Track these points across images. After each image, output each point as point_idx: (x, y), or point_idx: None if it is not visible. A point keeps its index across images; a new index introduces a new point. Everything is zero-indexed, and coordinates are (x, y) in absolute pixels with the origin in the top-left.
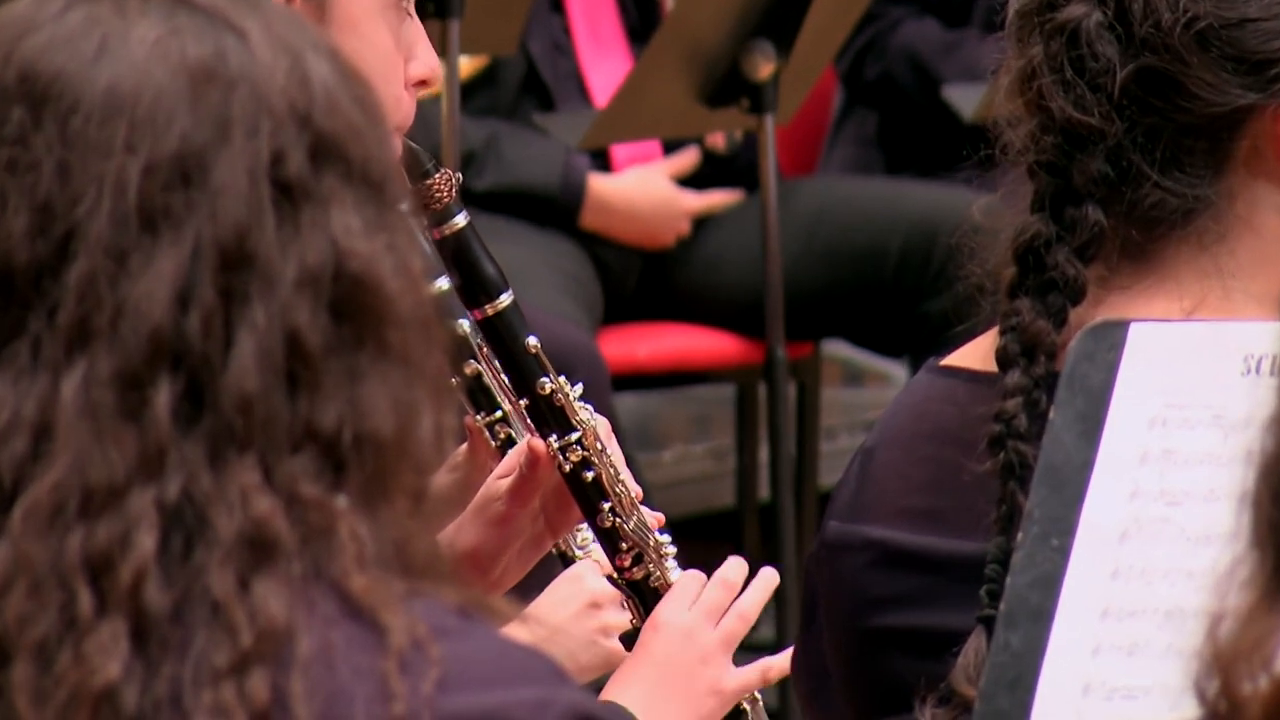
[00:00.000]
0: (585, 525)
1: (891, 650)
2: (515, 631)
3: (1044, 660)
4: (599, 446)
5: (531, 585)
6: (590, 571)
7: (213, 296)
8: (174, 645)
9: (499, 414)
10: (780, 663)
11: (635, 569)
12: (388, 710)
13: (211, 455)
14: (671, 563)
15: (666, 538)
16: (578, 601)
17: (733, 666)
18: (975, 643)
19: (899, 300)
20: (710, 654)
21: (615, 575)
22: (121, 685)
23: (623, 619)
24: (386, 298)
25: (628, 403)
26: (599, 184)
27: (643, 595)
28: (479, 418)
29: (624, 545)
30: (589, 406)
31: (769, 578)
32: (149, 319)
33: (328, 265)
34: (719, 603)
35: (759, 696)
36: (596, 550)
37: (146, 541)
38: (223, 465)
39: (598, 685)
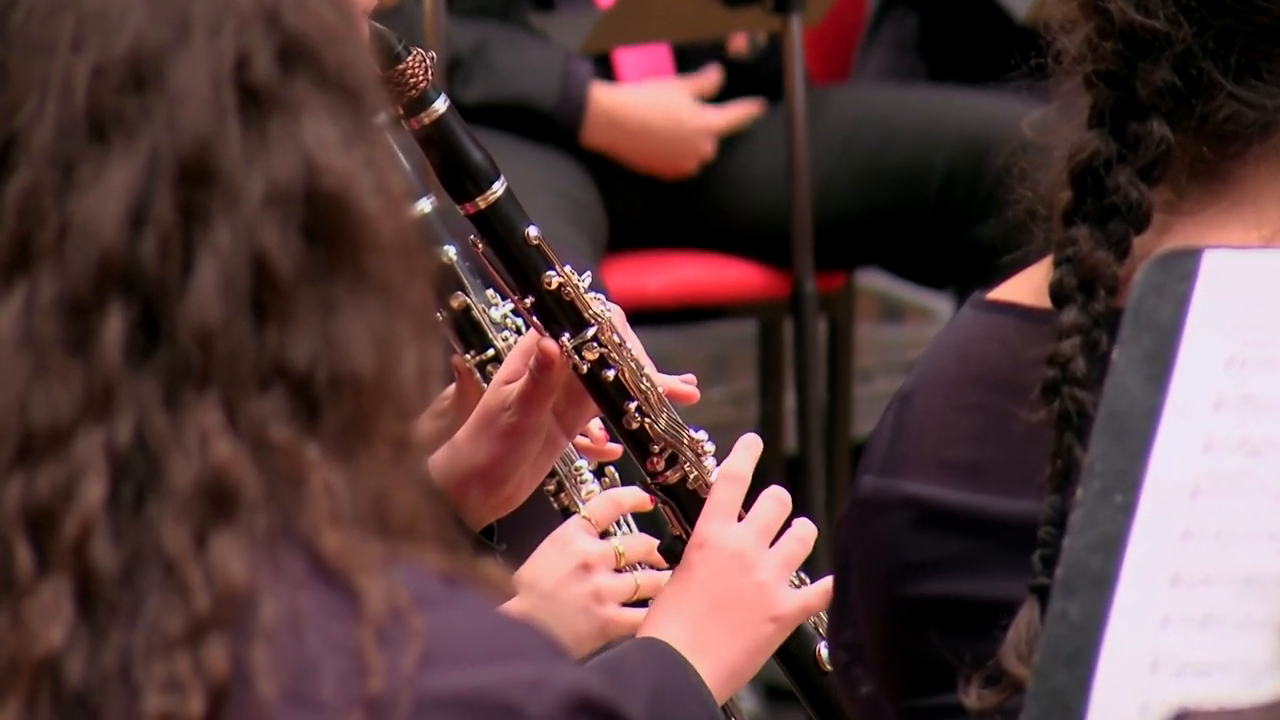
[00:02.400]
0: (587, 473)
1: (932, 622)
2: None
3: (1105, 633)
4: (617, 340)
5: (528, 544)
6: (579, 530)
7: (170, 214)
8: (123, 610)
9: (491, 353)
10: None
11: (670, 472)
12: (362, 686)
13: (167, 394)
14: (711, 461)
15: (703, 435)
16: (567, 564)
17: (789, 589)
18: (1027, 615)
19: (944, 225)
20: (767, 576)
21: (649, 481)
22: (65, 654)
23: (620, 583)
24: (365, 219)
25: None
26: (604, 96)
27: (681, 501)
28: (468, 357)
29: (655, 447)
30: (601, 297)
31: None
32: (98, 239)
33: (299, 182)
34: (773, 518)
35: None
36: (597, 498)
37: (94, 491)
38: (179, 405)
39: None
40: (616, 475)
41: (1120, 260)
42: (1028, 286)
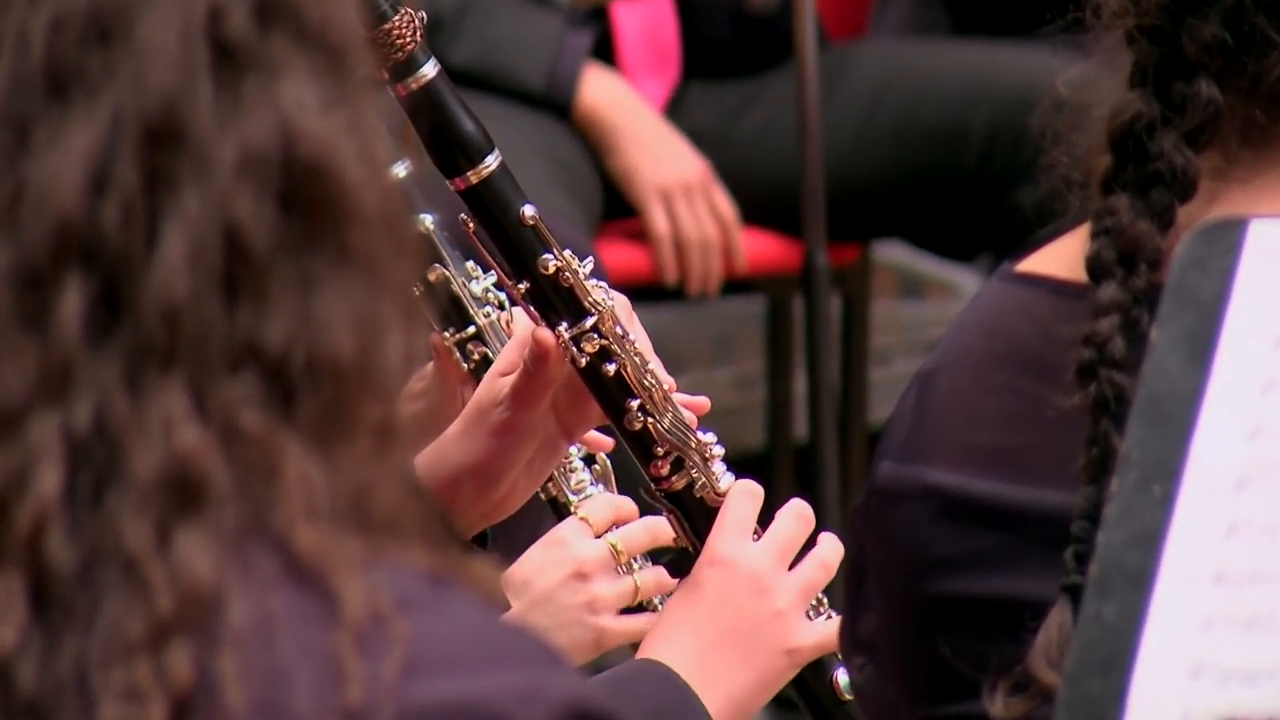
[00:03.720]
0: (577, 460)
1: (955, 624)
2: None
3: (1143, 636)
4: (619, 332)
5: (515, 537)
6: (575, 533)
7: (134, 180)
8: (80, 611)
9: (471, 330)
10: None
11: (675, 478)
12: (339, 696)
13: (129, 375)
14: (719, 466)
15: (711, 437)
16: (561, 570)
17: (807, 620)
18: (1058, 616)
19: (983, 190)
20: (784, 603)
21: (652, 487)
22: (16, 658)
23: (617, 590)
24: (346, 189)
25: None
26: (599, 87)
27: (687, 509)
28: (447, 335)
29: (659, 450)
30: (603, 285)
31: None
32: (56, 205)
33: (275, 146)
34: (794, 537)
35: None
36: (595, 500)
37: (49, 480)
38: (142, 388)
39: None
40: (608, 463)
41: (1163, 231)
42: (1062, 258)
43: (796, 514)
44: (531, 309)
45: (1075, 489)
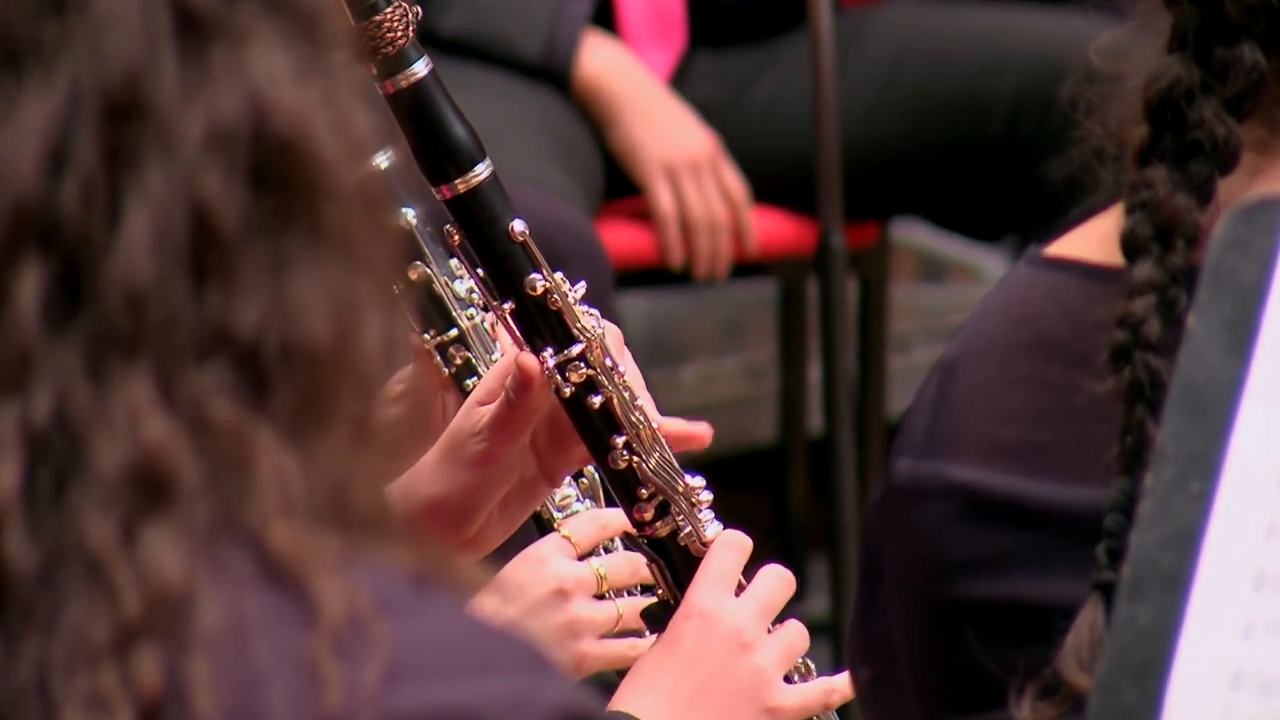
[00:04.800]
0: (566, 478)
1: (979, 628)
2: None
3: (1179, 642)
4: (608, 363)
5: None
6: (556, 551)
7: (94, 157)
8: (40, 615)
9: (454, 333)
10: (843, 686)
11: (660, 524)
12: (317, 703)
13: (91, 364)
14: (707, 513)
15: (700, 481)
16: (540, 588)
17: (785, 684)
18: (1089, 617)
19: (1008, 163)
20: (765, 661)
21: (635, 532)
22: None
23: (599, 612)
24: (321, 165)
25: (636, 305)
26: (600, 56)
27: (670, 558)
28: (428, 337)
29: (644, 492)
30: (594, 311)
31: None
32: (11, 184)
33: (244, 120)
34: (777, 597)
35: None
36: (580, 518)
37: (7, 475)
38: (105, 377)
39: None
40: (597, 478)
41: (1202, 206)
42: (1093, 240)
43: (779, 575)
44: (516, 332)
45: (1106, 486)
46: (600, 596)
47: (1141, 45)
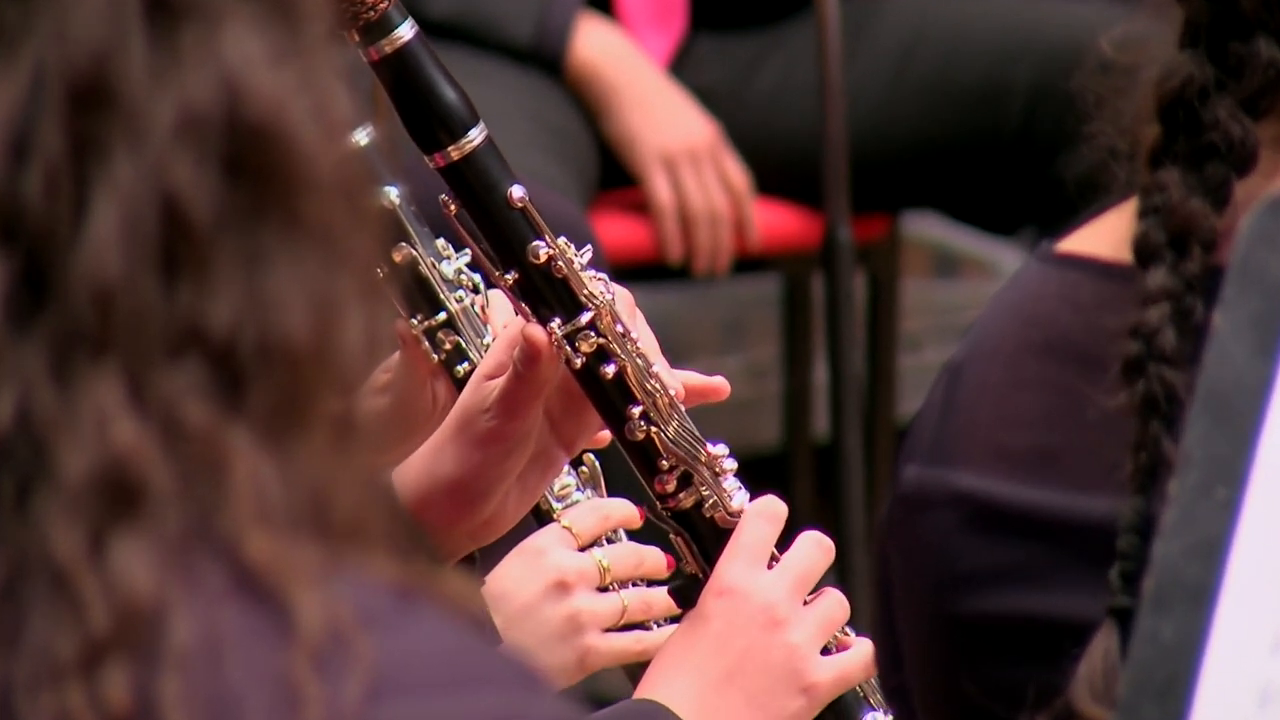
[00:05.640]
0: (565, 466)
1: (987, 646)
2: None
3: (1205, 658)
4: (619, 330)
5: (493, 551)
6: (556, 542)
7: (59, 146)
8: (3, 630)
9: (442, 317)
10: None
11: (683, 495)
12: None
13: (56, 364)
14: (732, 482)
15: (723, 449)
16: (540, 581)
17: (821, 659)
18: (1104, 643)
19: (1026, 153)
20: (800, 637)
21: (657, 504)
22: None
23: (603, 605)
24: (299, 153)
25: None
26: (595, 40)
27: (695, 530)
28: (415, 322)
29: (664, 463)
30: (603, 276)
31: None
32: None
33: (218, 106)
34: (813, 567)
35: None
36: (581, 507)
37: None
38: (71, 378)
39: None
40: (598, 466)
41: (1219, 210)
42: (1108, 236)
43: (817, 542)
44: (521, 303)
45: (1121, 495)
46: (604, 589)
47: (1157, 35)
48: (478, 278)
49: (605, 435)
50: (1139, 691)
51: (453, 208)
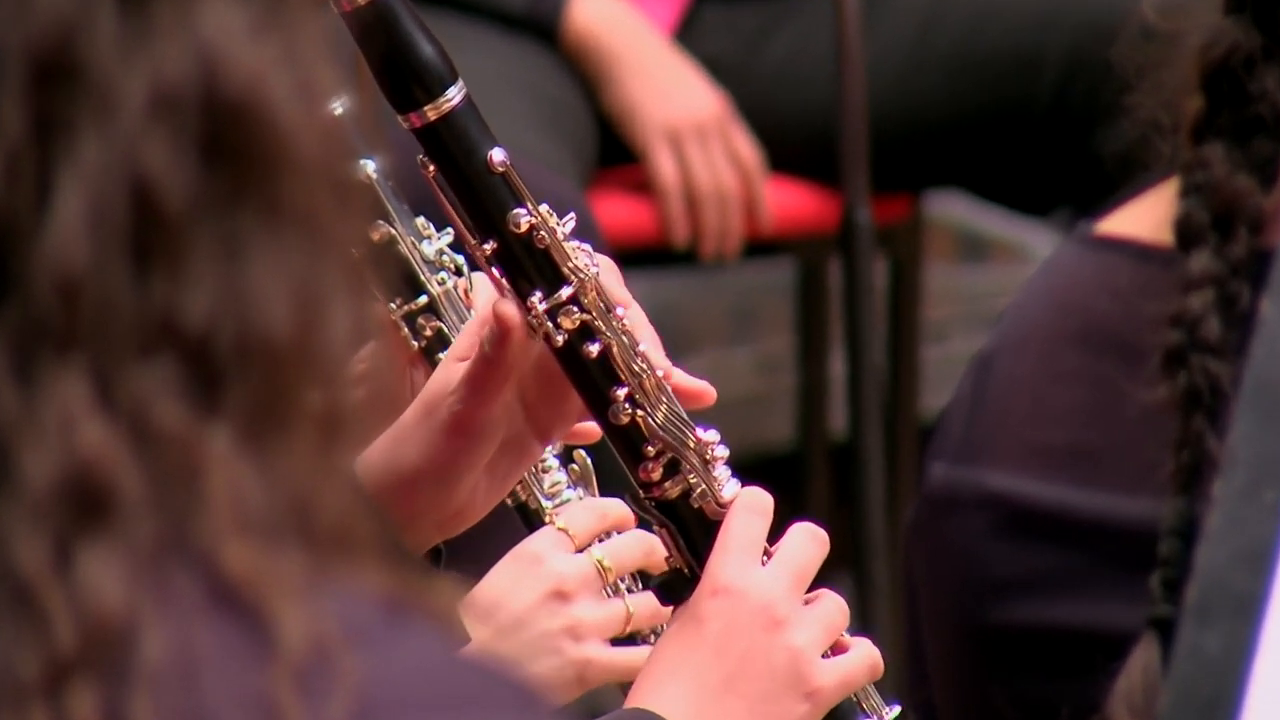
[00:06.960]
0: (552, 459)
1: (1018, 657)
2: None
3: (1253, 671)
4: (604, 305)
5: (481, 552)
6: (553, 546)
7: (21, 126)
8: None
9: (423, 300)
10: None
11: (669, 484)
12: None
13: (19, 361)
14: (723, 471)
15: (713, 435)
16: (536, 590)
17: (824, 662)
18: (1143, 656)
19: (1060, 127)
20: (802, 639)
21: (641, 494)
22: None
23: (605, 614)
24: (280, 133)
25: (634, 290)
26: (593, 6)
27: (682, 522)
28: (394, 306)
29: (650, 449)
30: (586, 247)
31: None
32: None
33: (193, 82)
34: (809, 561)
35: None
36: (575, 506)
37: None
38: (35, 377)
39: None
40: (589, 462)
41: (1265, 188)
42: (1148, 216)
43: (810, 535)
44: (498, 275)
45: (1162, 496)
46: (607, 588)
47: (1201, 3)
48: (460, 259)
49: (594, 429)
50: (1181, 709)
51: (431, 170)
